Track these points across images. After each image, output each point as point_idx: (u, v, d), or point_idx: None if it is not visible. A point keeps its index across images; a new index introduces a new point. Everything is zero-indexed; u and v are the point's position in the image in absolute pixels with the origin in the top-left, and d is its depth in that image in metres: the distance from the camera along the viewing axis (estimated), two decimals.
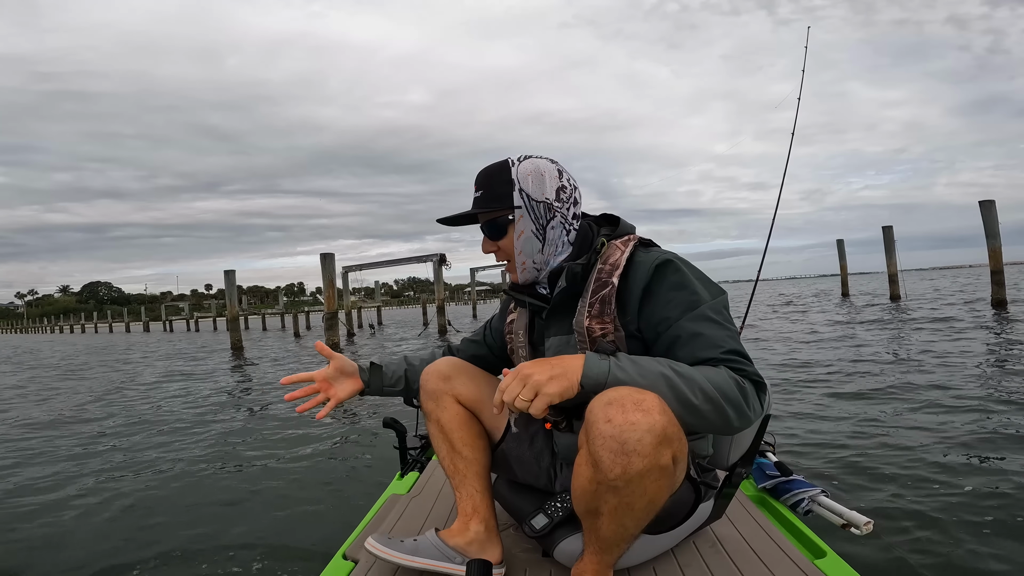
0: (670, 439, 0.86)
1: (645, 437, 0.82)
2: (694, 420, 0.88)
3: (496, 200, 1.07)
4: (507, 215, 1.06)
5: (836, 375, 5.36)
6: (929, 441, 3.05)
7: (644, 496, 0.88)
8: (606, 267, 1.03)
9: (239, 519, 2.59)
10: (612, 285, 1.01)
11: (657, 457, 0.84)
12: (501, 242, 1.09)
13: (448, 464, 1.18)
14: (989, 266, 12.81)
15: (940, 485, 2.43)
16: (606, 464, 0.85)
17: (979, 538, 1.93)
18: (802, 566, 1.12)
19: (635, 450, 0.83)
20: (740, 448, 1.22)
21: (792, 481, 1.49)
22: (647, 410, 0.83)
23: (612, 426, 0.83)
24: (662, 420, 0.84)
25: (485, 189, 1.08)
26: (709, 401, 0.87)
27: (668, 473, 0.88)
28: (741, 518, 1.36)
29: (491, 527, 1.14)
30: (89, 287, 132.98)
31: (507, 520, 1.37)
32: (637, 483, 0.86)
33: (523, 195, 1.06)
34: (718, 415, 0.88)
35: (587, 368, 0.87)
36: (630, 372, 0.87)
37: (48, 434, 5.07)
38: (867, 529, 1.24)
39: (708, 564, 1.15)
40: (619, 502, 0.89)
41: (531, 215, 1.06)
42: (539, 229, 1.07)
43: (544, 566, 1.17)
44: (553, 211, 1.07)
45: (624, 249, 1.05)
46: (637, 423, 0.82)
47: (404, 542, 1.11)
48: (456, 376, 1.20)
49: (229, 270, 16.14)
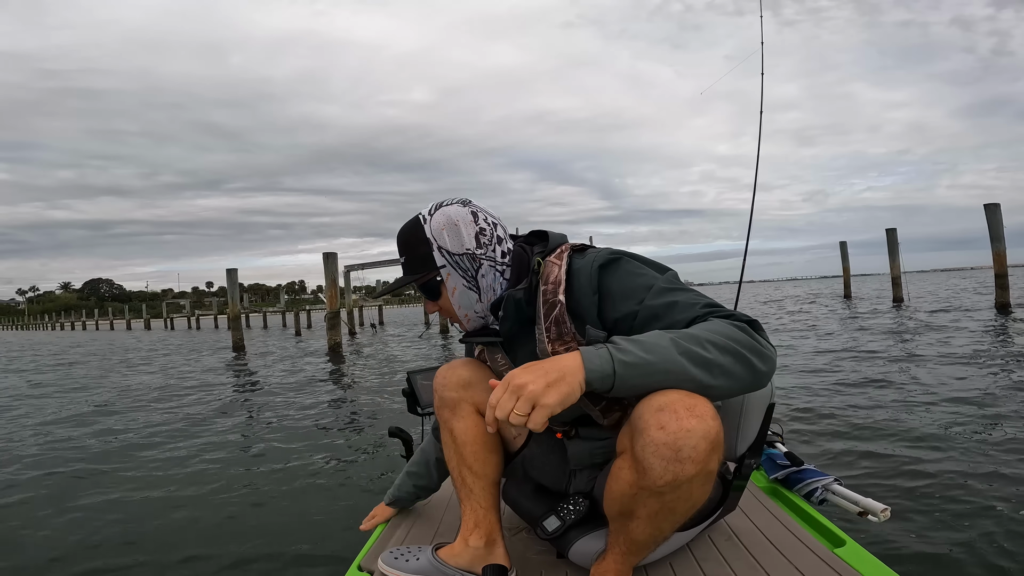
0: (720, 444, 0.84)
1: (700, 444, 0.80)
2: (721, 379, 0.81)
3: (419, 264, 1.04)
4: (434, 277, 1.04)
5: (843, 369, 5.35)
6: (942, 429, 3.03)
7: (688, 500, 0.87)
8: (549, 287, 1.00)
9: (246, 529, 2.53)
10: (560, 303, 0.98)
11: (708, 463, 0.82)
12: (440, 302, 1.08)
13: (456, 475, 1.16)
14: (993, 269, 12.78)
15: (956, 472, 2.40)
16: (657, 471, 0.82)
17: (999, 521, 1.91)
18: (822, 555, 1.10)
19: (689, 457, 0.80)
20: (747, 439, 1.20)
21: (804, 470, 1.48)
22: (701, 415, 0.80)
23: (666, 433, 0.80)
24: (715, 425, 0.81)
25: (407, 254, 1.06)
26: (725, 352, 0.81)
27: (712, 477, 0.87)
28: (755, 510, 1.35)
29: (493, 540, 1.12)
30: (90, 284, 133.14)
31: (519, 523, 1.35)
32: (685, 489, 0.84)
33: (443, 253, 1.03)
34: (741, 364, 0.81)
35: (587, 364, 0.78)
36: (636, 352, 0.79)
37: (48, 436, 5.06)
38: (885, 516, 1.23)
39: (725, 557, 1.14)
40: (661, 507, 0.87)
41: (458, 271, 1.03)
42: (470, 281, 1.04)
43: (560, 567, 1.16)
44: (478, 259, 1.04)
45: (560, 263, 1.01)
46: (693, 430, 0.79)
47: (409, 561, 1.12)
48: (478, 383, 1.13)
49: (231, 268, 16.08)
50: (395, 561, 1.13)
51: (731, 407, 1.20)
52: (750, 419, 1.20)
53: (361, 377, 8.07)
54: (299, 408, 5.64)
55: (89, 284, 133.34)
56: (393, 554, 1.15)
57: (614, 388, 0.79)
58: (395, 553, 1.15)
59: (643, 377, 0.79)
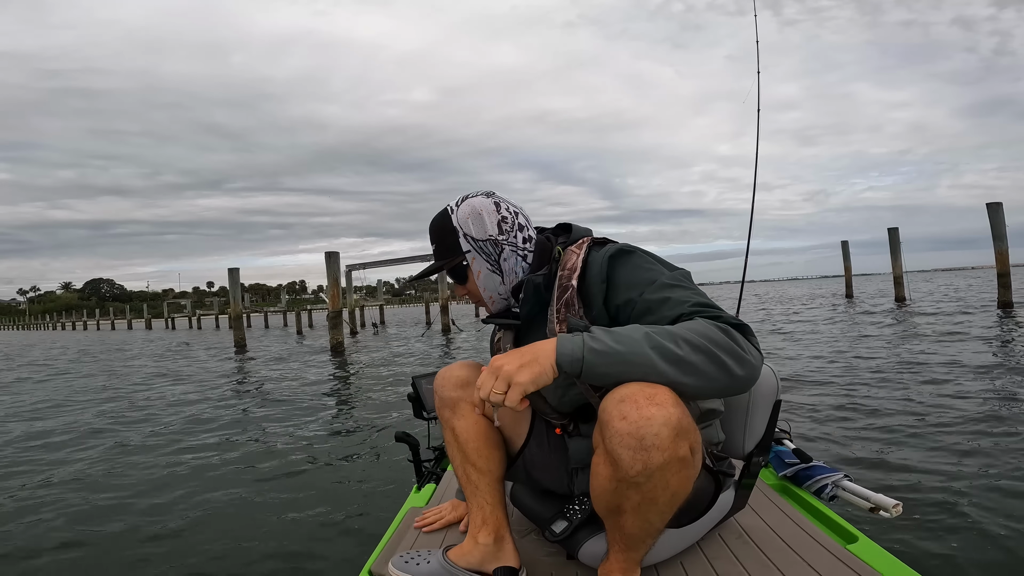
0: (686, 430, 0.86)
1: (662, 431, 0.82)
2: (692, 378, 0.83)
3: (447, 251, 1.13)
4: (461, 261, 1.12)
5: (848, 367, 5.34)
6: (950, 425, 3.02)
7: (667, 489, 0.88)
8: (565, 272, 1.06)
9: (255, 534, 2.51)
10: (572, 287, 1.03)
11: (676, 449, 0.84)
12: (467, 285, 1.16)
13: (461, 474, 1.17)
14: (996, 268, 12.77)
15: (967, 467, 2.40)
16: (626, 461, 0.85)
17: (1013, 516, 1.90)
18: (835, 552, 1.10)
19: (654, 444, 0.83)
20: (754, 436, 1.20)
21: (813, 467, 1.48)
22: (661, 403, 0.83)
23: (628, 423, 0.83)
24: (676, 412, 0.83)
25: (437, 243, 1.15)
26: (698, 350, 0.83)
27: (688, 464, 0.88)
28: (765, 507, 1.35)
29: (502, 537, 1.13)
30: (91, 284, 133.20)
31: (529, 525, 1.35)
32: (659, 477, 0.86)
33: (468, 239, 1.12)
34: (714, 364, 0.83)
35: (559, 347, 0.84)
36: (606, 341, 0.83)
37: (47, 438, 5.06)
38: (896, 511, 1.23)
39: (736, 555, 1.14)
40: (642, 498, 0.89)
41: (481, 255, 1.12)
42: (493, 265, 1.12)
43: (570, 569, 1.16)
44: (500, 245, 1.12)
45: (579, 252, 1.07)
46: (653, 417, 0.82)
47: (420, 565, 1.13)
48: (475, 382, 1.18)
49: (233, 268, 16.05)
50: (406, 565, 1.13)
51: (737, 405, 1.20)
52: (756, 417, 1.20)
53: (364, 377, 8.07)
54: (303, 409, 5.63)
55: (90, 284, 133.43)
56: (403, 558, 1.15)
57: (583, 373, 0.83)
58: (405, 557, 1.16)
59: (610, 366, 0.83)
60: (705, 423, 1.11)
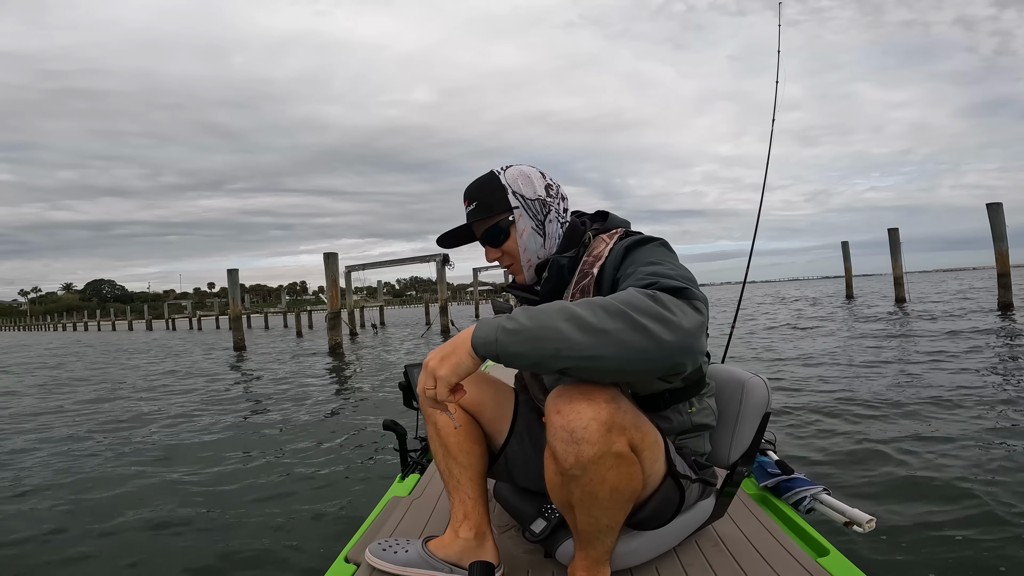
0: (622, 427, 0.87)
1: (591, 424, 0.85)
2: (612, 348, 0.75)
3: (494, 205, 1.10)
4: (507, 217, 1.10)
5: (839, 375, 5.34)
6: (931, 441, 3.04)
7: (604, 484, 0.89)
8: (590, 259, 1.07)
9: (241, 521, 2.59)
10: (592, 275, 1.04)
11: (608, 444, 0.86)
12: (504, 246, 1.12)
13: (443, 468, 1.18)
14: (996, 269, 12.74)
15: (941, 484, 2.42)
16: (560, 454, 0.87)
17: (980, 535, 1.93)
18: (805, 564, 1.11)
19: (584, 438, 0.85)
20: (741, 447, 1.21)
21: (794, 479, 1.48)
22: (592, 399, 0.85)
23: (561, 416, 0.86)
24: (608, 408, 0.85)
25: (479, 200, 1.11)
26: (616, 317, 0.76)
27: (627, 461, 0.89)
28: (743, 517, 1.36)
29: (483, 532, 1.14)
30: (92, 285, 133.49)
31: (509, 522, 1.37)
32: (593, 471, 0.87)
33: (518, 196, 1.10)
34: (636, 331, 0.75)
35: (475, 333, 0.83)
36: (518, 319, 0.80)
37: (44, 435, 5.08)
38: (870, 527, 1.23)
39: (711, 563, 1.15)
40: (582, 492, 0.91)
41: (528, 212, 1.11)
42: (538, 225, 1.11)
43: (546, 567, 1.17)
44: (547, 206, 1.12)
45: (609, 242, 1.07)
46: (582, 411, 0.85)
47: (397, 553, 1.14)
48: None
49: (232, 269, 16.10)
50: (383, 553, 1.14)
51: (726, 416, 1.21)
52: (744, 427, 1.20)
53: (360, 376, 8.09)
54: (295, 404, 5.69)
55: (91, 285, 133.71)
56: (381, 545, 1.16)
57: (500, 356, 0.80)
58: (383, 545, 1.16)
59: (523, 343, 0.78)
60: (694, 434, 1.12)
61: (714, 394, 1.18)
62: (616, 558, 1.07)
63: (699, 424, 1.12)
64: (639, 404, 1.07)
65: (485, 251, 1.15)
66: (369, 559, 1.14)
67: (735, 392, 1.22)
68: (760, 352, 7.74)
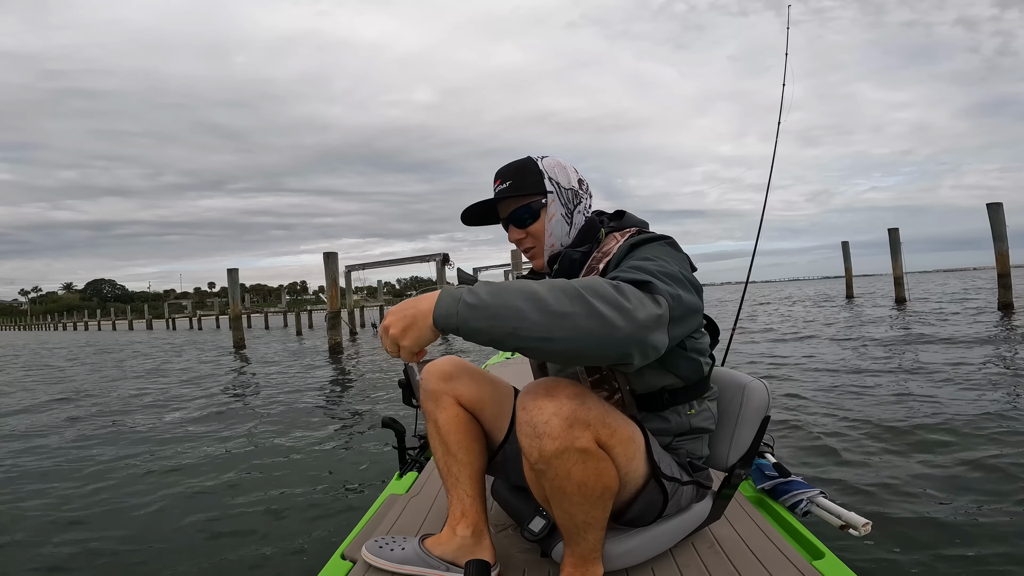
0: (585, 422, 0.89)
1: (552, 420, 0.87)
2: (567, 330, 0.76)
3: (529, 186, 1.13)
4: (540, 200, 1.13)
5: (839, 377, 5.34)
6: (928, 445, 3.04)
7: (570, 479, 0.91)
8: (599, 254, 1.08)
9: (238, 517, 2.60)
10: (597, 270, 1.05)
11: (570, 439, 0.88)
12: (531, 228, 1.14)
13: (442, 466, 1.18)
14: (996, 269, 12.73)
15: (937, 487, 2.42)
16: (526, 449, 0.90)
17: (976, 539, 1.93)
18: (800, 567, 1.11)
19: (545, 432, 0.88)
20: (739, 449, 1.21)
21: (791, 482, 1.49)
22: (554, 395, 0.88)
23: (525, 413, 0.89)
24: (570, 404, 0.88)
25: (514, 179, 1.13)
26: (574, 301, 0.77)
27: (593, 456, 0.90)
28: (740, 519, 1.36)
29: (480, 531, 1.14)
30: (93, 285, 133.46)
31: (507, 520, 1.37)
32: (557, 465, 0.89)
33: (553, 182, 1.14)
34: (592, 316, 0.76)
35: (437, 305, 0.80)
36: (480, 295, 0.79)
37: (41, 436, 5.08)
38: (865, 530, 1.24)
39: (706, 565, 1.15)
40: (550, 486, 0.93)
41: (561, 200, 1.14)
42: (568, 213, 1.14)
43: (543, 566, 1.17)
44: (579, 197, 1.16)
45: (620, 240, 1.08)
46: (544, 407, 0.88)
47: (394, 551, 1.14)
48: (458, 376, 1.19)
49: (232, 268, 16.11)
50: (380, 550, 1.14)
51: (726, 419, 1.21)
52: (744, 430, 1.21)
53: (359, 375, 8.10)
54: (294, 403, 5.70)
55: (91, 284, 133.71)
56: (378, 543, 1.17)
57: (460, 330, 0.79)
58: (380, 542, 1.17)
59: (482, 319, 0.78)
60: (692, 437, 1.13)
61: (716, 398, 1.18)
62: (611, 559, 1.08)
63: (697, 427, 1.12)
64: (639, 403, 1.08)
65: (509, 231, 1.17)
66: (366, 556, 1.14)
67: (735, 395, 1.22)
68: (757, 356, 7.74)
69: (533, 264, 1.19)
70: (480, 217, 1.20)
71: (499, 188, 1.14)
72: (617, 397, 1.06)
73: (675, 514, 1.14)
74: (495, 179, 1.15)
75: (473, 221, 1.20)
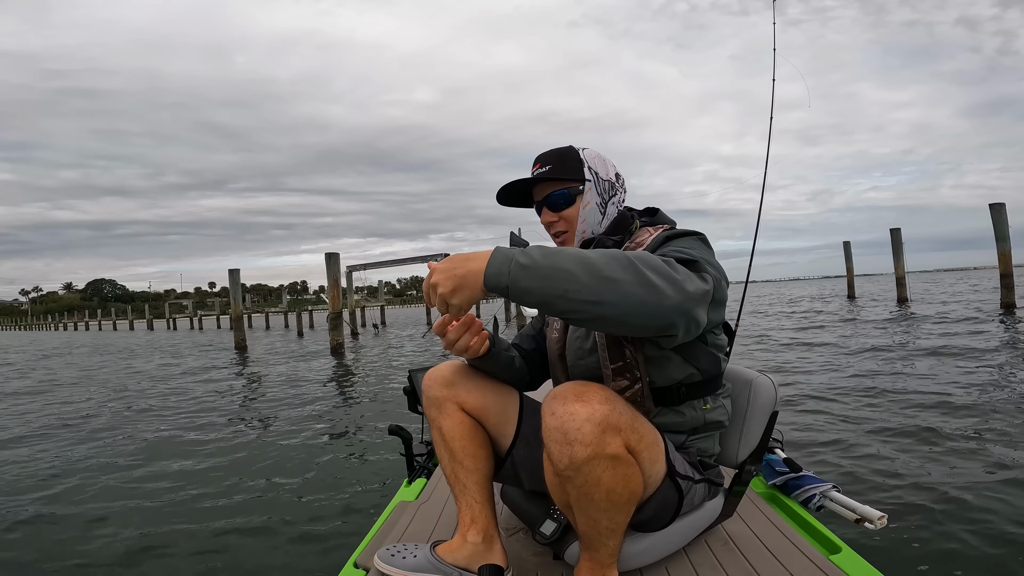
0: (616, 427, 0.87)
1: (585, 426, 0.85)
2: (616, 296, 0.77)
3: (569, 171, 1.15)
4: (577, 186, 1.15)
5: (844, 374, 5.33)
6: (943, 437, 3.02)
7: (599, 486, 0.89)
8: (632, 245, 1.11)
9: (247, 527, 2.56)
10: None
11: (602, 446, 0.86)
12: (565, 212, 1.16)
13: (449, 472, 1.17)
14: (998, 269, 12.72)
15: (953, 479, 2.40)
16: (555, 455, 0.88)
17: (995, 530, 1.91)
18: (817, 562, 1.10)
19: (577, 439, 0.86)
20: (749, 445, 1.21)
21: (802, 477, 1.47)
22: (587, 400, 0.86)
23: (555, 418, 0.87)
24: (603, 409, 0.86)
25: (554, 164, 1.15)
26: (627, 269, 0.78)
27: (623, 463, 0.89)
28: (752, 516, 1.35)
29: (491, 536, 1.13)
30: (93, 284, 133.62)
31: (517, 524, 1.36)
32: (588, 472, 0.88)
33: (592, 172, 1.16)
34: (642, 285, 0.78)
35: (489, 264, 0.80)
36: (534, 256, 0.79)
37: (39, 438, 5.08)
38: (881, 523, 1.23)
39: (721, 562, 1.14)
40: (578, 493, 0.91)
41: (597, 189, 1.16)
42: (602, 203, 1.17)
43: (555, 569, 1.16)
44: (615, 189, 1.19)
45: (654, 233, 1.10)
46: (576, 413, 0.86)
47: (406, 558, 1.13)
48: (460, 382, 1.18)
49: (234, 269, 16.12)
50: (392, 558, 1.13)
51: (735, 415, 1.21)
52: (752, 426, 1.20)
53: (363, 378, 8.08)
54: (299, 407, 5.67)
55: (92, 284, 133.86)
56: (390, 551, 1.15)
57: (510, 290, 0.79)
58: (392, 550, 1.16)
59: (534, 279, 0.78)
60: (706, 433, 1.13)
61: (730, 395, 1.18)
62: (625, 559, 1.07)
63: (712, 421, 1.12)
64: (655, 397, 1.07)
65: (543, 213, 1.18)
66: (378, 564, 1.13)
67: (743, 391, 1.22)
68: (762, 351, 7.72)
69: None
70: (515, 198, 1.22)
71: (538, 171, 1.16)
72: (637, 387, 1.05)
73: (688, 512, 1.13)
74: (535, 163, 1.17)
75: (507, 201, 1.22)
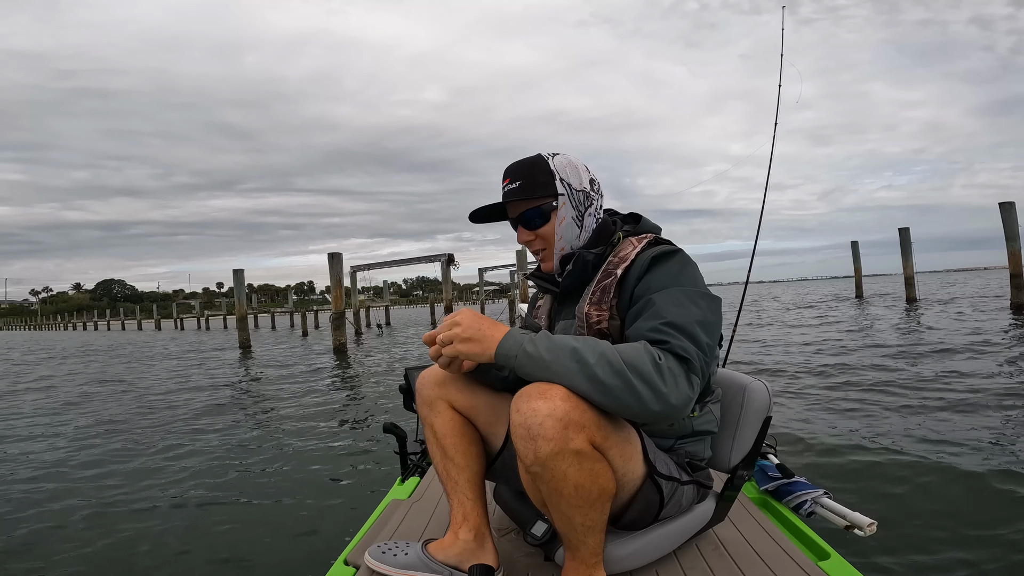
0: (579, 424, 0.89)
1: (546, 421, 0.88)
2: (606, 398, 0.88)
3: (540, 189, 1.11)
4: (550, 202, 1.12)
5: (843, 378, 5.29)
6: (935, 444, 3.00)
7: (566, 481, 0.91)
8: (615, 259, 1.09)
9: (239, 523, 2.59)
10: (615, 276, 1.06)
11: (564, 441, 0.88)
12: (541, 230, 1.13)
13: (441, 470, 1.19)
14: (1009, 269, 12.57)
15: (943, 487, 2.40)
16: (521, 451, 0.91)
17: (984, 539, 1.91)
18: (806, 568, 1.10)
19: (540, 434, 0.88)
20: (741, 450, 1.21)
21: (794, 483, 1.47)
22: (549, 397, 0.89)
23: (520, 415, 0.90)
24: (564, 406, 0.88)
25: (524, 180, 1.11)
26: (616, 375, 0.86)
27: (588, 458, 0.91)
28: (743, 520, 1.35)
29: (482, 535, 1.14)
30: (103, 284, 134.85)
31: (509, 524, 1.37)
32: (553, 467, 0.90)
33: (564, 184, 1.12)
34: (629, 392, 0.86)
35: (502, 342, 0.92)
36: (539, 348, 0.91)
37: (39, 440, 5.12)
38: (871, 530, 1.22)
39: (711, 566, 1.14)
40: (547, 489, 0.93)
41: (572, 202, 1.13)
42: (578, 216, 1.13)
43: (546, 570, 1.17)
44: (590, 199, 1.14)
45: (637, 245, 1.09)
46: (538, 409, 0.88)
47: (397, 556, 1.14)
48: (452, 382, 1.19)
49: (238, 269, 16.26)
50: (382, 556, 1.14)
51: (727, 420, 1.21)
52: (745, 431, 1.20)
53: (363, 378, 8.11)
54: (298, 407, 5.71)
55: (101, 284, 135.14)
56: (381, 548, 1.17)
57: (514, 369, 0.92)
58: (383, 548, 1.17)
59: (535, 369, 0.91)
60: (694, 439, 1.12)
61: (719, 401, 1.17)
62: (614, 561, 1.07)
63: (700, 430, 1.12)
64: None
65: (519, 231, 1.17)
66: (368, 562, 1.14)
67: (736, 396, 1.22)
68: (760, 354, 7.68)
69: (543, 266, 1.18)
70: (489, 215, 1.19)
71: (508, 187, 1.12)
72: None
73: (677, 516, 1.14)
74: (504, 177, 1.13)
75: (481, 219, 1.21)
